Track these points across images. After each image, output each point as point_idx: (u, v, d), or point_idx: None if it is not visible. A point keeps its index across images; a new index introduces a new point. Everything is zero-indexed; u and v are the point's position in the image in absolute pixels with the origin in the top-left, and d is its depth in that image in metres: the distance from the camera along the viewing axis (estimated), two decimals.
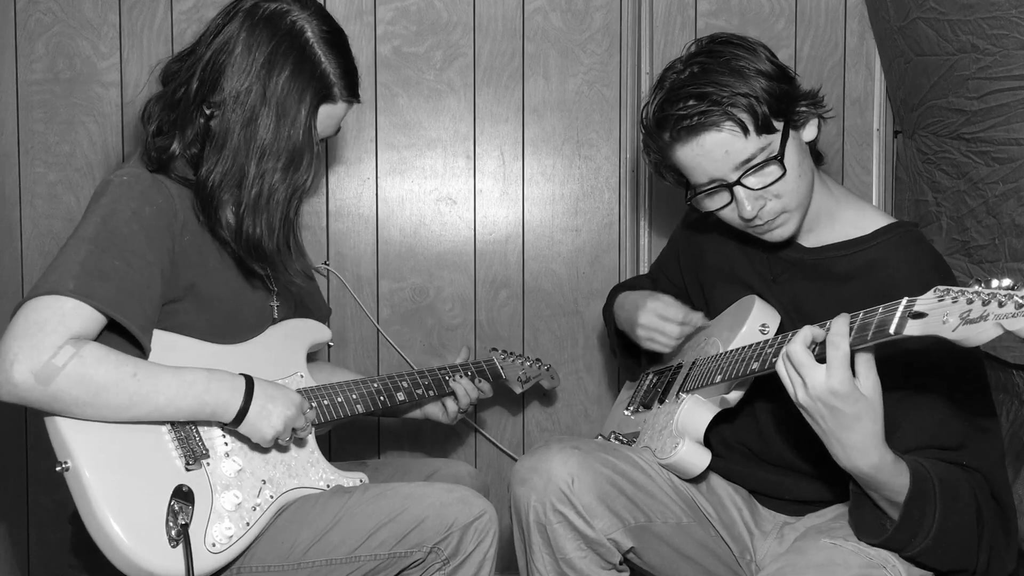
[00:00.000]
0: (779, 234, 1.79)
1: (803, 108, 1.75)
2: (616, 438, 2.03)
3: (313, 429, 1.87)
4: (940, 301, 1.31)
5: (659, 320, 1.99)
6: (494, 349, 2.40)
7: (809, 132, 1.79)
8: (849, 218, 1.84)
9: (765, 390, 1.82)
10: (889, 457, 1.51)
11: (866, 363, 1.46)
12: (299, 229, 1.86)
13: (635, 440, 1.98)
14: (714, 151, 1.70)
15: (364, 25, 2.58)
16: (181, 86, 1.75)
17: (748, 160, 1.70)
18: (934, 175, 2.30)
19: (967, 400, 1.63)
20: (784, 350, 1.50)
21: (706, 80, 1.69)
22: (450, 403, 2.19)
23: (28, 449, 2.56)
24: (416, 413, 2.23)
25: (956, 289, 1.30)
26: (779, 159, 1.70)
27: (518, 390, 2.39)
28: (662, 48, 2.58)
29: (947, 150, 2.22)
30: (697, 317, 1.99)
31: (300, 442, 1.82)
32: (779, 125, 1.71)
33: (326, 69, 1.76)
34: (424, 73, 2.59)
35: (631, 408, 2.11)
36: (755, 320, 1.85)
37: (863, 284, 1.76)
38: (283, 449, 1.80)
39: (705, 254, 2.05)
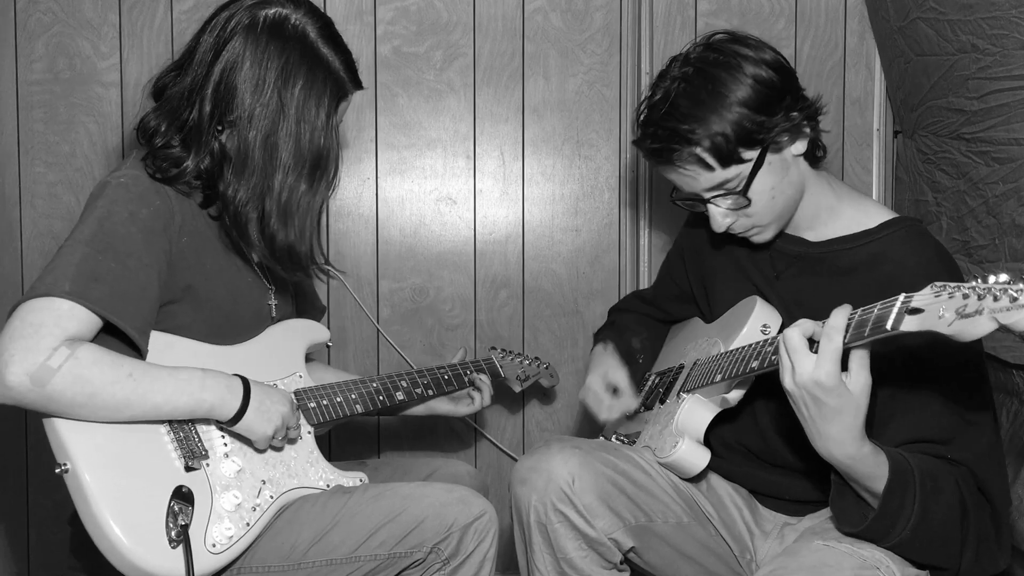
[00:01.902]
0: (757, 240, 1.84)
1: (786, 131, 1.73)
2: (617, 438, 2.03)
3: (312, 429, 1.87)
4: (936, 297, 1.32)
5: (592, 396, 2.08)
6: (493, 348, 2.40)
7: (798, 147, 1.77)
8: (851, 214, 1.85)
9: (765, 390, 1.82)
10: (867, 449, 1.52)
11: (860, 360, 1.47)
12: (319, 229, 1.87)
13: (636, 440, 1.98)
14: (682, 178, 1.77)
15: (364, 25, 2.58)
16: (188, 108, 1.72)
17: (717, 186, 1.75)
18: (934, 175, 2.30)
19: (960, 395, 1.64)
20: (784, 333, 1.51)
21: (680, 114, 1.71)
22: (476, 396, 2.22)
23: (28, 450, 2.56)
24: (419, 409, 2.23)
25: (952, 285, 1.31)
26: (743, 192, 1.74)
27: (517, 389, 2.39)
28: (662, 48, 2.58)
29: (947, 150, 2.22)
30: (626, 405, 2.05)
31: (292, 441, 1.82)
32: (751, 154, 1.72)
33: (335, 67, 1.77)
34: (424, 73, 2.59)
35: None
36: (756, 320, 1.85)
37: (867, 277, 1.77)
38: (277, 449, 1.79)
39: (706, 254, 2.06)
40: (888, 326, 1.37)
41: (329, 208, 2.60)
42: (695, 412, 1.85)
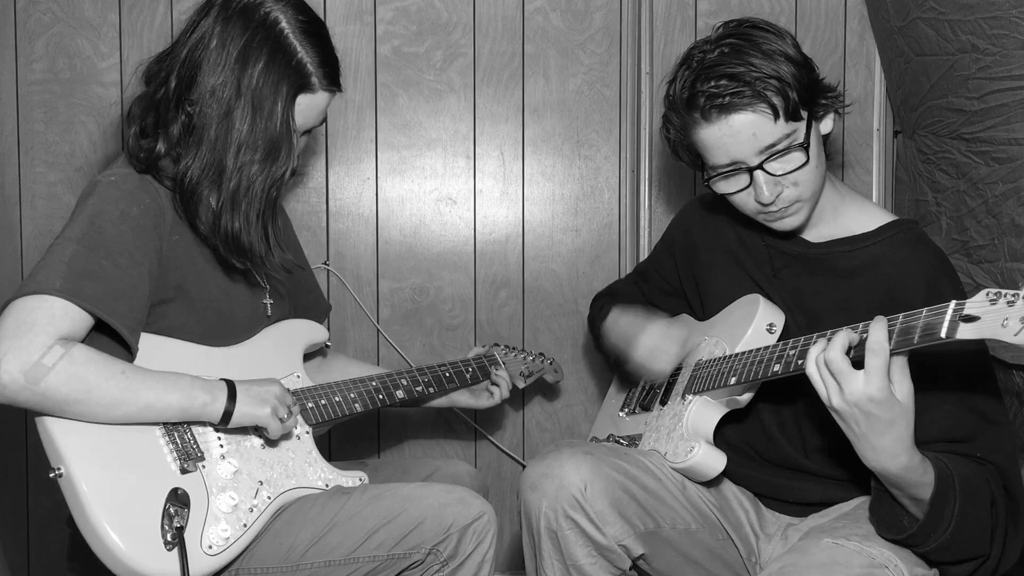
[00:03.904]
0: (789, 223, 1.79)
1: (824, 100, 1.76)
2: (616, 441, 2.02)
3: (311, 429, 1.87)
4: (993, 304, 1.30)
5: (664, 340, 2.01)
6: (496, 344, 2.40)
7: (826, 125, 1.79)
8: (852, 215, 1.85)
9: (767, 390, 1.82)
10: (917, 458, 1.51)
11: (901, 368, 1.46)
12: (276, 221, 1.84)
13: (637, 443, 1.97)
14: (742, 132, 1.70)
15: (364, 25, 2.58)
16: (161, 86, 1.74)
17: (772, 145, 1.70)
18: (934, 175, 2.29)
19: (975, 395, 1.64)
20: (823, 356, 1.49)
21: (739, 60, 1.69)
22: (495, 390, 2.25)
23: (28, 449, 2.56)
24: (441, 401, 2.24)
25: (1010, 292, 1.29)
26: (804, 147, 1.71)
27: (521, 385, 2.38)
28: (662, 48, 2.58)
29: (947, 150, 2.22)
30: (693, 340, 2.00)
31: (293, 435, 1.82)
32: (804, 114, 1.72)
33: (303, 59, 1.75)
34: (424, 73, 2.59)
35: (626, 410, 2.10)
36: (762, 320, 1.84)
37: (867, 280, 1.77)
38: (288, 437, 1.79)
39: (701, 250, 2.05)
40: (942, 334, 1.36)
41: (329, 208, 2.60)
42: (703, 414, 1.84)
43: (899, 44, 2.32)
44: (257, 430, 1.77)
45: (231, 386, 1.71)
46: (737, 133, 1.70)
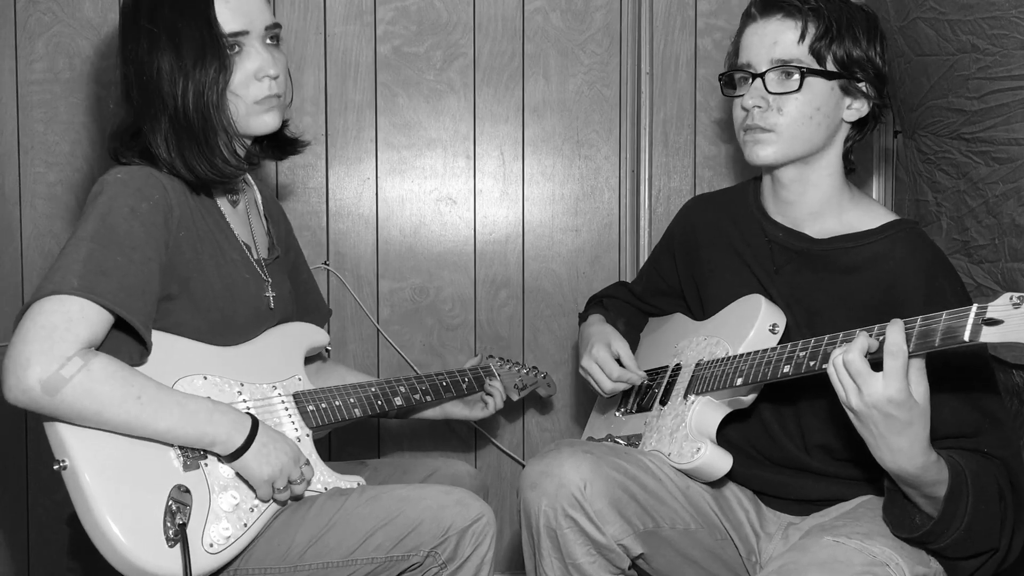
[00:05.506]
0: (758, 151, 1.84)
1: (861, 82, 1.83)
2: (614, 441, 2.01)
3: (311, 432, 1.87)
4: (1017, 308, 1.31)
5: (598, 369, 2.04)
6: (491, 356, 2.40)
7: (852, 112, 1.85)
8: (856, 213, 1.87)
9: (766, 389, 1.82)
10: (933, 457, 1.53)
11: (918, 370, 1.48)
12: (230, 121, 1.77)
13: (637, 443, 1.97)
14: (768, 36, 1.81)
15: (364, 25, 2.58)
16: (124, 95, 1.76)
17: (784, 62, 1.79)
18: (934, 175, 2.29)
19: (978, 392, 1.66)
20: (842, 359, 1.51)
21: None
22: (489, 400, 2.25)
23: (28, 450, 2.56)
24: (435, 412, 2.25)
25: None
26: (803, 72, 1.78)
27: (515, 397, 2.38)
28: (662, 48, 2.58)
29: (947, 150, 2.22)
30: (634, 377, 2.01)
31: (296, 497, 1.79)
32: (831, 68, 1.80)
33: None
34: (424, 73, 2.59)
35: (623, 409, 2.10)
36: (764, 321, 1.84)
37: (866, 276, 1.78)
38: (280, 502, 1.76)
39: (703, 247, 2.06)
40: (966, 338, 1.37)
41: (329, 208, 2.60)
42: (707, 414, 1.84)
43: (899, 44, 2.32)
44: None
45: (252, 430, 1.69)
46: (765, 35, 1.81)
